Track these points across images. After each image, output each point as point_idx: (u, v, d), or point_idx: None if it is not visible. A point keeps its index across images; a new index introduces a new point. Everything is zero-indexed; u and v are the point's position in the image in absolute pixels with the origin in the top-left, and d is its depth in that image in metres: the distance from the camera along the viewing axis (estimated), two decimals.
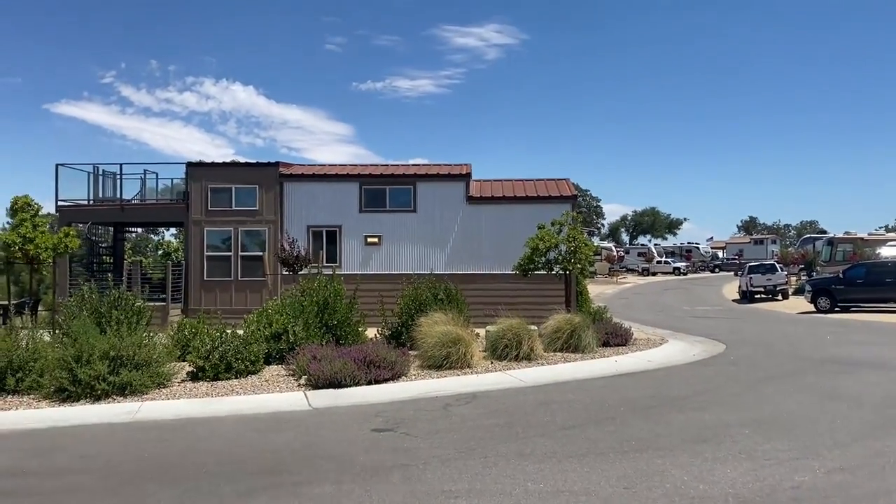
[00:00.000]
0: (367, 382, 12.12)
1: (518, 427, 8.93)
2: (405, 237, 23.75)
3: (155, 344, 12.78)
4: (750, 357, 15.04)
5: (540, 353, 14.54)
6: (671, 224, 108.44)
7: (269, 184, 23.83)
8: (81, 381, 11.39)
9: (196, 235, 23.82)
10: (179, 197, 24.73)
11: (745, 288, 37.49)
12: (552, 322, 15.76)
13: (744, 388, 11.42)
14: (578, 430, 8.68)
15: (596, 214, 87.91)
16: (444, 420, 9.49)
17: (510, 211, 23.51)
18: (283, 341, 14.17)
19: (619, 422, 9.11)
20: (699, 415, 9.44)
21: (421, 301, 15.68)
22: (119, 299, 14.46)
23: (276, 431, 9.14)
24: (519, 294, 21.13)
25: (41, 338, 12.77)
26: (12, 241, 16.31)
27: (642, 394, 11.10)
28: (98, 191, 24.79)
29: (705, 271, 75.57)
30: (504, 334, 14.38)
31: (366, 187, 23.85)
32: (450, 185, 23.87)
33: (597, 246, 31.54)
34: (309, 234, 23.64)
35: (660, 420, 9.15)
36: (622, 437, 8.26)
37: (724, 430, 8.50)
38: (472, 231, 23.70)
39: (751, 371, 13.18)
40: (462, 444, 8.16)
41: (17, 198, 17.05)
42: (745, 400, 10.46)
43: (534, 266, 17.31)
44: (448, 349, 13.36)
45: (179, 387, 12.34)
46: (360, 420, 9.64)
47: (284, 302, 15.12)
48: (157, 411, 10.68)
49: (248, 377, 12.99)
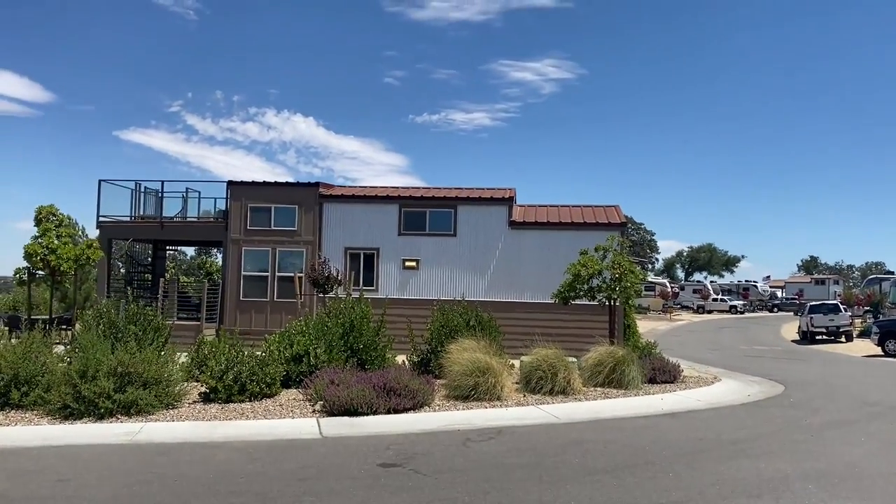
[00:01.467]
0: (385, 411, 11.19)
1: (543, 469, 7.88)
2: (444, 262, 22.88)
3: (166, 361, 12.09)
4: (812, 400, 13.62)
5: (578, 388, 13.39)
6: (728, 261, 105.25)
7: (308, 204, 23.34)
8: (85, 398, 10.77)
9: (234, 255, 23.42)
10: (219, 215, 24.45)
11: (806, 328, 35.53)
12: (593, 354, 14.61)
13: (805, 435, 10.12)
14: (611, 477, 7.58)
15: (650, 248, 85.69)
16: (460, 457, 8.49)
17: (555, 238, 22.44)
18: (304, 364, 13.37)
19: (659, 468, 7.97)
20: (753, 463, 8.23)
21: (451, 327, 14.74)
22: (137, 314, 13.93)
23: (274, 462, 8.27)
24: (560, 325, 20.01)
25: (52, 352, 12.20)
26: (34, 252, 15.96)
27: (688, 436, 9.90)
28: (140, 208, 24.68)
29: (763, 310, 72.76)
30: (539, 365, 13.30)
31: (405, 209, 23.12)
32: (492, 209, 22.97)
33: (645, 273, 30.10)
34: (346, 257, 23.00)
35: (707, 468, 7.98)
36: (662, 487, 7.14)
37: (783, 484, 7.30)
38: (513, 258, 22.70)
39: (813, 415, 11.81)
40: (475, 485, 7.16)
41: (41, 207, 16.71)
42: (807, 448, 9.18)
43: (575, 294, 16.20)
44: (476, 379, 12.35)
45: (189, 408, 11.61)
46: (369, 452, 8.71)
47: (308, 323, 14.34)
48: (158, 433, 9.93)
49: (263, 400, 12.21)
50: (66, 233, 16.85)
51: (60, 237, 16.44)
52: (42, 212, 16.76)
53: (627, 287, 15.77)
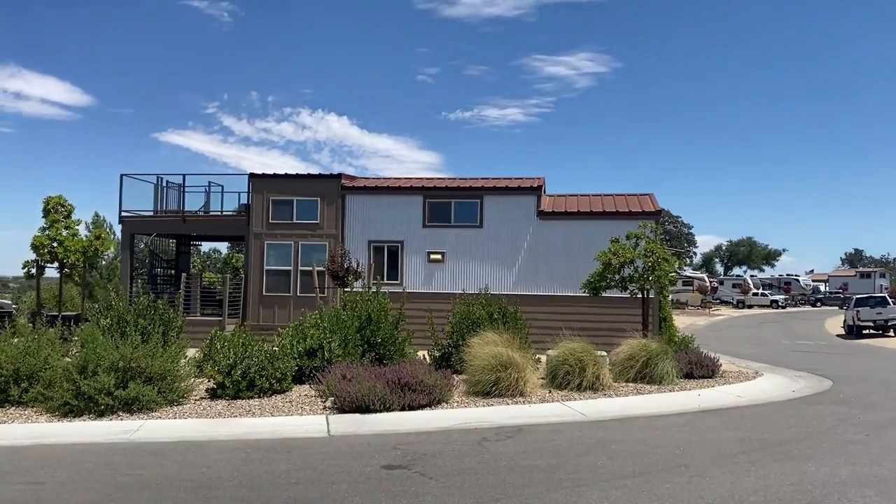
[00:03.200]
0: (399, 408, 10.48)
1: (563, 472, 7.08)
2: (470, 255, 22.08)
3: (172, 356, 11.52)
4: (864, 396, 12.56)
5: (607, 383, 12.52)
6: (769, 255, 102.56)
7: (331, 196, 22.71)
8: (84, 395, 10.24)
9: (256, 249, 22.90)
10: (242, 209, 23.97)
11: (852, 322, 34.02)
12: (625, 348, 13.70)
13: (859, 434, 9.14)
14: (641, 481, 6.75)
15: (687, 241, 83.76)
16: (473, 458, 7.73)
17: (586, 228, 21.48)
18: (318, 358, 12.71)
19: (694, 471, 7.12)
20: (801, 466, 7.33)
21: (473, 320, 13.97)
22: (147, 308, 13.42)
23: (270, 463, 7.60)
24: (591, 318, 19.12)
25: (56, 347, 11.70)
26: (41, 244, 15.52)
27: (728, 436, 9.00)
28: (163, 203, 24.31)
29: (805, 305, 70.55)
30: (565, 359, 12.46)
31: (430, 201, 22.35)
32: (519, 199, 22.10)
33: (679, 262, 28.90)
34: (370, 250, 22.33)
35: (749, 471, 7.10)
36: (697, 493, 6.30)
37: (837, 490, 6.40)
38: (542, 249, 21.80)
39: (866, 412, 10.80)
40: (485, 491, 6.39)
41: (49, 198, 16.24)
42: (863, 449, 8.23)
43: (605, 284, 15.28)
44: (497, 374, 11.57)
45: (194, 405, 11.04)
46: (376, 453, 8.00)
47: (322, 316, 13.69)
48: (157, 432, 9.36)
49: (273, 396, 11.59)
50: (73, 223, 16.33)
51: (68, 229, 15.97)
52: (50, 202, 16.27)
53: (661, 276, 14.81)
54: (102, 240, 16.73)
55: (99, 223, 34.54)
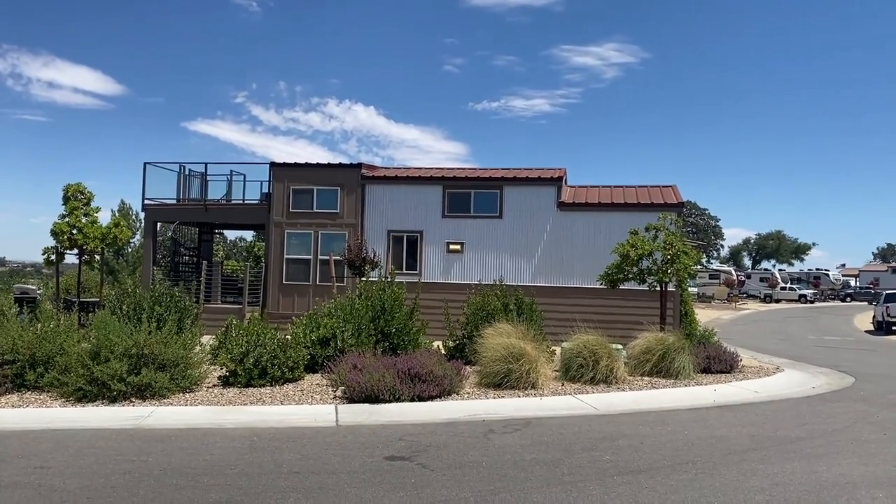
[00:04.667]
0: (409, 398, 10.45)
1: (567, 467, 6.99)
2: (489, 245, 21.96)
3: (186, 343, 11.61)
4: (886, 394, 12.28)
5: (621, 376, 12.38)
6: (798, 249, 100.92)
7: (351, 186, 22.70)
8: (97, 381, 10.35)
9: (276, 238, 22.99)
10: (263, 198, 24.08)
11: (882, 318, 33.26)
12: (641, 341, 13.54)
13: (876, 434, 8.93)
14: (644, 477, 6.64)
15: (714, 234, 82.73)
16: (477, 450, 7.67)
17: (607, 219, 21.26)
18: (331, 347, 12.73)
19: (701, 469, 6.99)
20: (812, 466, 7.16)
21: (488, 311, 13.89)
22: (163, 295, 13.54)
23: (275, 451, 7.60)
24: (610, 310, 18.97)
25: (70, 333, 11.83)
26: (61, 230, 15.69)
27: (740, 433, 8.84)
28: (186, 191, 24.49)
29: (835, 300, 69.32)
30: (579, 352, 12.33)
31: (449, 191, 22.25)
32: (540, 189, 21.91)
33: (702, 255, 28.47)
34: (389, 239, 22.33)
35: (757, 470, 6.96)
36: (700, 491, 6.18)
37: (847, 491, 6.24)
38: (562, 240, 21.62)
39: (886, 411, 10.55)
40: (486, 484, 6.33)
41: (69, 185, 16.40)
42: (878, 449, 8.03)
43: (623, 276, 15.09)
44: (509, 365, 11.48)
45: (206, 392, 11.11)
46: (381, 444, 7.97)
47: (336, 305, 13.70)
48: (167, 418, 9.42)
49: (284, 385, 11.63)
50: (93, 210, 16.48)
51: (87, 216, 16.13)
52: (69, 190, 16.44)
53: (680, 269, 14.58)
54: (122, 227, 16.81)
55: (125, 211, 34.96)
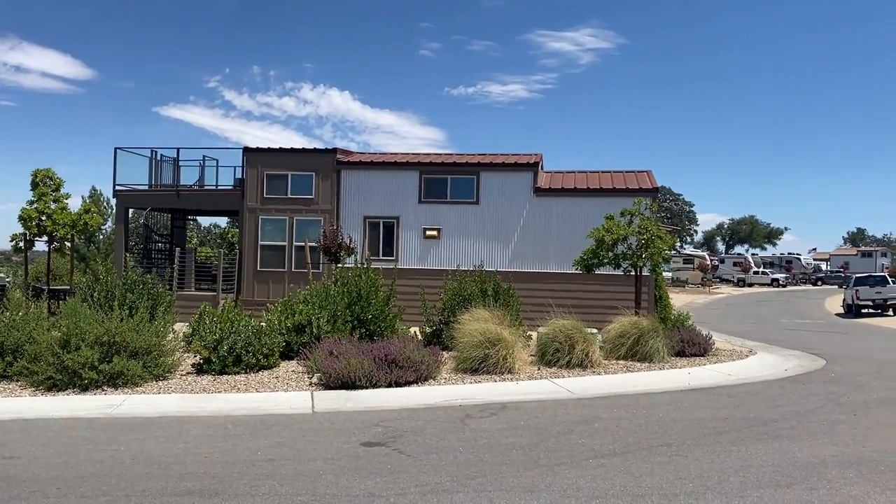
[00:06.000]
0: (386, 384, 10.42)
1: (542, 450, 7.01)
2: (466, 231, 21.92)
3: (158, 330, 11.46)
4: (855, 375, 12.48)
5: (597, 360, 12.45)
6: (770, 234, 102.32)
7: (326, 171, 22.49)
8: (68, 369, 10.18)
9: (250, 224, 22.74)
10: (236, 184, 23.79)
11: (851, 301, 33.90)
12: (616, 326, 13.62)
13: (847, 414, 9.06)
14: (619, 460, 6.67)
15: (688, 220, 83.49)
16: (453, 435, 7.66)
17: (582, 204, 21.29)
18: (307, 334, 12.64)
19: (675, 450, 7.05)
20: (784, 446, 7.25)
21: (465, 296, 13.88)
22: (135, 282, 13.34)
23: (250, 438, 7.54)
24: (587, 295, 19.04)
25: (39, 321, 11.61)
26: (29, 217, 15.38)
27: (714, 415, 8.93)
28: (158, 176, 24.10)
29: (806, 284, 70.43)
30: (555, 337, 12.38)
31: (426, 176, 22.14)
32: (516, 175, 21.88)
33: (675, 240, 28.69)
34: (365, 225, 22.19)
35: (731, 451, 7.03)
36: (676, 474, 6.22)
37: (818, 471, 6.33)
38: (539, 226, 21.63)
39: (856, 392, 10.72)
40: (461, 469, 6.32)
41: (38, 171, 16.06)
42: (848, 430, 8.15)
43: (598, 261, 15.14)
44: (486, 350, 11.49)
45: (180, 380, 10.99)
46: (356, 429, 7.94)
47: (312, 291, 13.60)
48: (140, 407, 9.29)
49: (259, 372, 11.54)
50: (62, 197, 16.15)
51: (57, 202, 15.82)
52: (38, 175, 16.10)
53: (654, 254, 14.66)
54: (92, 213, 16.52)
55: (96, 197, 34.40)
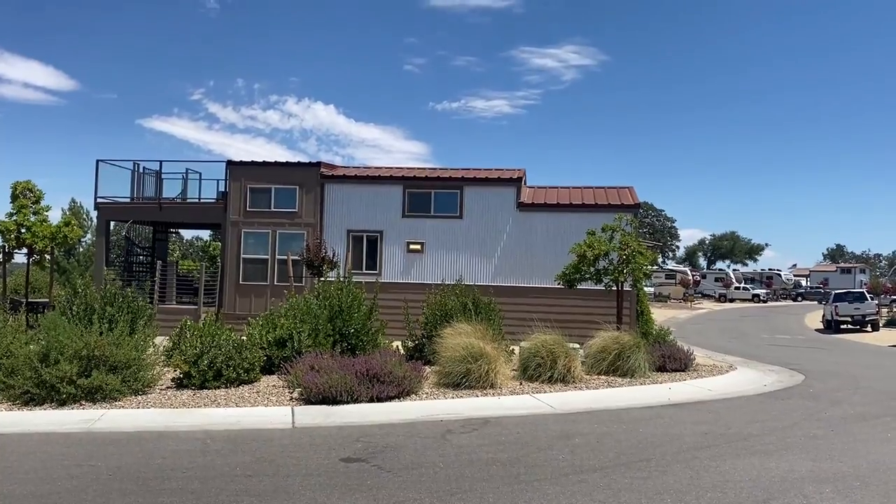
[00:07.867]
0: (368, 399, 10.38)
1: (522, 466, 7.02)
2: (450, 245, 21.99)
3: (138, 345, 11.36)
4: (834, 391, 12.61)
5: (578, 375, 12.49)
6: (752, 250, 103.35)
7: (310, 185, 22.51)
8: (46, 383, 10.07)
9: (233, 237, 22.68)
10: (219, 197, 23.71)
11: (830, 317, 34.31)
12: (598, 341, 13.68)
13: (825, 430, 9.15)
14: (599, 476, 6.70)
15: (670, 235, 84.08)
16: (434, 451, 7.65)
17: (565, 219, 21.46)
18: (288, 348, 12.59)
19: (655, 466, 7.08)
20: (763, 461, 7.31)
21: (447, 311, 13.89)
22: (115, 295, 13.23)
23: (229, 454, 7.49)
24: (569, 310, 19.11)
25: (17, 334, 11.50)
26: (7, 229, 15.24)
27: (694, 430, 8.98)
28: (141, 189, 23.96)
29: (787, 299, 71.13)
30: (537, 351, 12.41)
31: (409, 190, 22.22)
32: (500, 190, 22.02)
33: (657, 255, 28.89)
34: (349, 239, 22.20)
35: (710, 467, 7.07)
36: (654, 490, 6.25)
37: (795, 486, 6.38)
38: (522, 241, 21.75)
39: (834, 408, 10.82)
40: (440, 485, 6.31)
41: (17, 183, 15.95)
42: (826, 445, 8.23)
43: (580, 276, 15.24)
44: (468, 365, 11.49)
45: (159, 394, 10.89)
46: (337, 445, 7.91)
47: (293, 305, 13.56)
48: (119, 421, 9.21)
49: (240, 387, 11.45)
50: (41, 209, 16.03)
51: (37, 214, 15.69)
52: (18, 187, 15.99)
53: (635, 269, 14.78)
54: (72, 226, 16.40)
55: (76, 209, 34.13)
